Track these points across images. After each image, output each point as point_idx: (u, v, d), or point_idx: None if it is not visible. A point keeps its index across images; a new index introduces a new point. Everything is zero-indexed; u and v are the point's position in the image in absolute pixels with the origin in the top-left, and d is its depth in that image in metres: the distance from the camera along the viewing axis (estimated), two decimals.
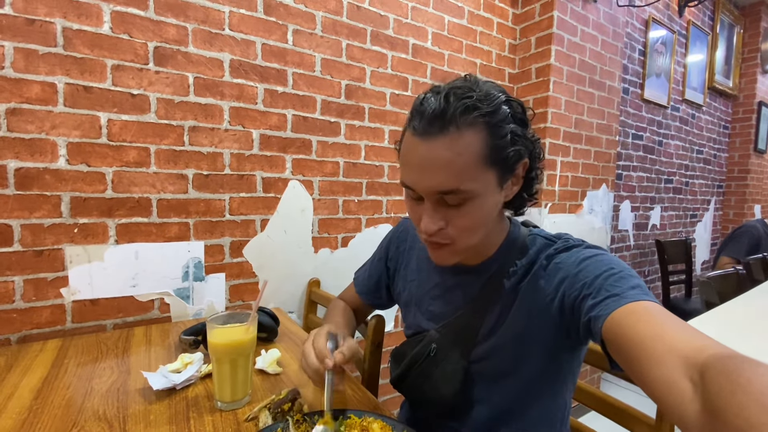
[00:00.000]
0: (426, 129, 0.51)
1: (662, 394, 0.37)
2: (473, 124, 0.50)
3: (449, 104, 0.50)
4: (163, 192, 1.07)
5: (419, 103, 0.53)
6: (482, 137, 0.51)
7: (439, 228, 0.55)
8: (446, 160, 0.51)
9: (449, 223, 0.55)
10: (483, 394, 0.64)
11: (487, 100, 0.51)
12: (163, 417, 0.63)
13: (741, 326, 1.14)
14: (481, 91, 0.52)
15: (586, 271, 0.53)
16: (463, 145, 0.50)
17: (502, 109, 0.53)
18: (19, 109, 0.89)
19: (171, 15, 1.05)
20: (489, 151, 0.52)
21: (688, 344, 0.38)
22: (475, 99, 0.51)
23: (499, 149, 0.52)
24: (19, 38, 0.88)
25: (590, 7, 1.83)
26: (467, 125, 0.50)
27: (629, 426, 0.72)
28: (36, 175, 0.92)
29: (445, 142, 0.50)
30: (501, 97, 0.53)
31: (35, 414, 0.62)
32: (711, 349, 0.36)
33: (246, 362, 0.66)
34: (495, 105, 0.52)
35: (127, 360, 0.83)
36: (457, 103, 0.50)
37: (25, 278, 0.93)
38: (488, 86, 0.54)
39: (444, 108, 0.50)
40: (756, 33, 3.45)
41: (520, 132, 0.55)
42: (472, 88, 0.52)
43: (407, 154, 0.55)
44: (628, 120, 2.50)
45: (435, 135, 0.51)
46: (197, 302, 1.14)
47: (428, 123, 0.51)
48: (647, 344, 0.40)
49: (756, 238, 2.06)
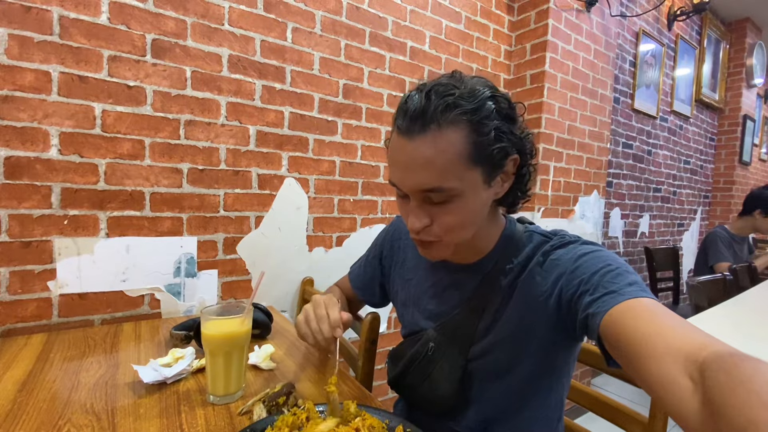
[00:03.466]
0: (408, 127, 0.51)
1: (662, 392, 0.37)
2: (455, 122, 0.50)
3: (430, 102, 0.50)
4: (156, 185, 1.05)
5: (404, 101, 0.53)
6: (464, 135, 0.50)
7: (424, 225, 0.55)
8: (428, 158, 0.50)
9: (435, 220, 0.55)
10: (481, 393, 0.64)
11: (471, 97, 0.51)
12: (153, 410, 0.61)
13: (730, 328, 1.16)
14: (465, 88, 0.51)
15: (583, 268, 0.52)
16: (445, 143, 0.50)
17: (487, 105, 0.51)
18: (12, 96, 0.88)
19: (170, 8, 1.04)
20: (472, 149, 0.51)
21: (688, 341, 0.38)
22: (457, 96, 0.50)
23: (483, 147, 0.51)
24: (14, 25, 0.87)
25: (584, 16, 1.87)
26: (448, 123, 0.50)
27: (623, 425, 0.72)
28: (26, 164, 0.90)
29: (426, 140, 0.50)
30: (486, 93, 0.52)
31: (20, 406, 0.60)
32: (711, 346, 0.36)
33: (240, 355, 0.65)
34: (478, 102, 0.51)
35: (115, 355, 0.81)
36: (438, 101, 0.50)
37: (11, 270, 0.90)
38: (474, 82, 0.53)
39: (425, 106, 0.50)
40: (741, 48, 3.56)
41: (506, 128, 0.53)
42: (456, 85, 0.52)
43: (393, 153, 0.55)
44: (619, 129, 2.55)
45: (417, 133, 0.50)
46: (188, 299, 1.12)
47: (410, 121, 0.51)
48: (646, 341, 0.40)
49: (727, 240, 2.19)
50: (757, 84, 3.73)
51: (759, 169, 4.24)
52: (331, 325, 0.66)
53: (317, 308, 0.69)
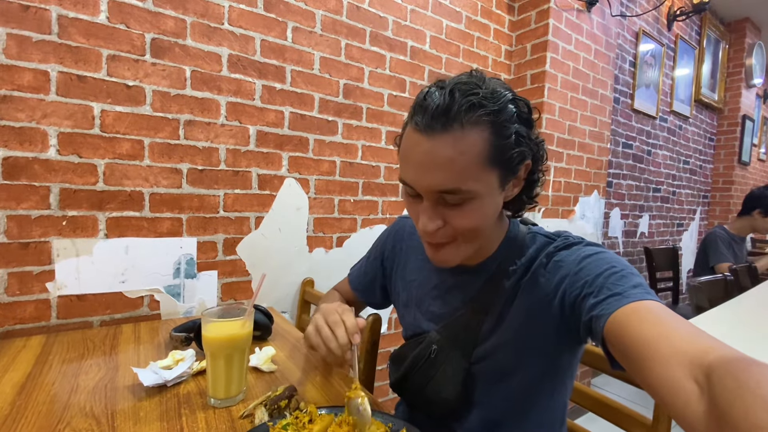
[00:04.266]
0: (429, 125, 0.49)
1: (667, 396, 0.37)
2: (478, 123, 0.49)
3: (454, 100, 0.48)
4: (156, 186, 1.04)
5: (422, 97, 0.51)
6: (486, 137, 0.49)
7: (437, 227, 0.54)
8: (448, 158, 0.49)
9: (448, 222, 0.54)
10: (483, 396, 0.63)
11: (493, 98, 0.50)
12: (153, 414, 0.60)
13: (731, 328, 1.16)
14: (487, 89, 0.50)
15: (587, 270, 0.52)
16: (467, 144, 0.49)
17: (509, 108, 0.51)
18: (10, 96, 0.87)
19: (170, 7, 1.03)
20: (493, 151, 0.50)
21: (694, 345, 0.37)
22: (481, 96, 0.49)
23: (503, 150, 0.51)
24: (12, 24, 0.86)
25: (584, 16, 1.86)
26: (472, 123, 0.48)
27: (626, 427, 0.72)
28: (25, 164, 0.89)
29: (448, 140, 0.48)
30: (508, 95, 0.51)
31: (18, 410, 0.60)
32: (717, 350, 0.36)
33: (241, 358, 0.64)
34: (501, 103, 0.50)
35: (115, 357, 0.80)
36: (462, 99, 0.48)
37: (10, 271, 0.89)
38: (494, 83, 0.52)
39: (449, 104, 0.48)
40: (741, 49, 3.57)
41: (525, 133, 0.53)
42: (479, 85, 0.50)
43: (408, 151, 0.53)
44: (619, 129, 2.55)
45: (438, 132, 0.49)
46: (188, 300, 1.11)
47: (431, 119, 0.49)
48: (651, 345, 0.39)
49: (726, 240, 2.19)
50: (756, 84, 3.74)
51: (758, 169, 4.25)
52: (348, 331, 0.61)
53: (330, 315, 0.64)
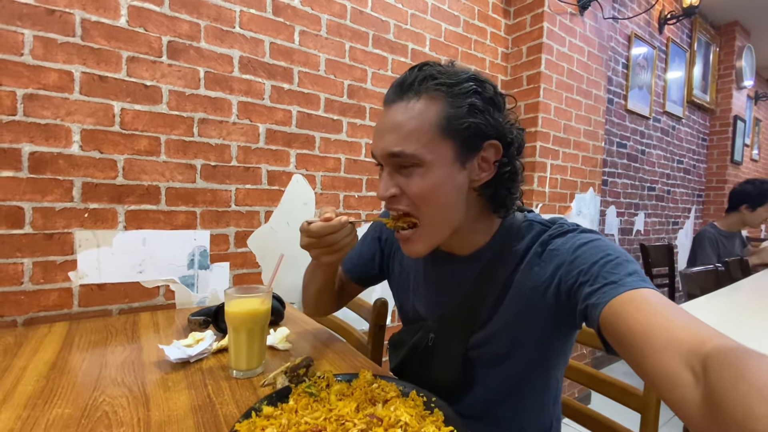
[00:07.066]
0: (388, 97, 0.56)
1: (663, 385, 0.37)
2: (429, 91, 0.53)
3: (412, 73, 0.55)
4: (171, 181, 1.10)
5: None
6: (440, 107, 0.53)
7: (391, 194, 0.55)
8: (398, 123, 0.54)
9: (404, 191, 0.55)
10: (480, 379, 0.65)
11: (451, 74, 0.54)
12: (181, 384, 0.65)
13: (721, 314, 1.21)
14: (449, 68, 0.56)
15: (582, 258, 0.52)
16: (416, 110, 0.53)
17: (466, 84, 0.53)
18: (36, 94, 0.92)
19: (185, 11, 1.09)
20: (445, 122, 0.52)
21: (690, 334, 0.37)
22: (437, 71, 0.54)
23: (455, 119, 0.53)
24: (38, 27, 0.92)
25: (577, 20, 1.94)
26: (425, 92, 0.54)
27: (618, 399, 0.76)
28: (50, 159, 0.94)
29: (400, 106, 0.54)
30: (469, 75, 0.55)
31: (54, 382, 0.64)
32: (713, 340, 0.35)
33: (261, 332, 0.69)
34: (458, 78, 0.54)
35: (137, 340, 0.85)
36: (418, 72, 0.54)
37: (35, 260, 0.94)
38: (461, 67, 0.57)
39: (406, 77, 0.55)
40: (731, 51, 3.66)
41: (483, 107, 0.54)
42: (441, 65, 0.56)
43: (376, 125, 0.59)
44: (613, 129, 2.62)
45: (394, 101, 0.55)
46: (201, 290, 1.16)
47: (392, 92, 0.56)
48: (647, 334, 0.39)
49: (714, 239, 2.23)
50: (746, 86, 3.82)
51: (751, 168, 4.33)
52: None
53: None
